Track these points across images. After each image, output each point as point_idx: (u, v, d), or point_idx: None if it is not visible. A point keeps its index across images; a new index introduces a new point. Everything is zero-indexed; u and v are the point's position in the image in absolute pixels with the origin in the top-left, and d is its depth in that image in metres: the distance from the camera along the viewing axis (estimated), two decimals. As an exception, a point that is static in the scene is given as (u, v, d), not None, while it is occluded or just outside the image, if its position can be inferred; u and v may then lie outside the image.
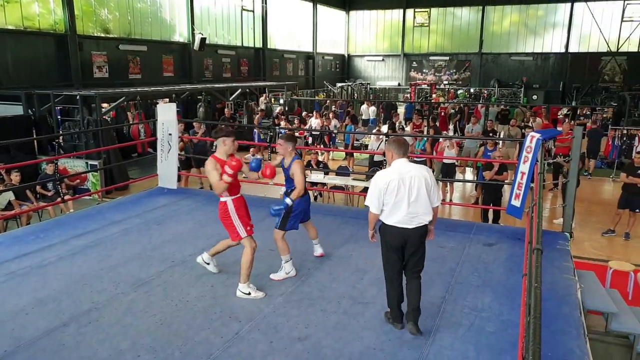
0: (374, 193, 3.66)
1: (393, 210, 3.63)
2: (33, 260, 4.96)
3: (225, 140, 4.31)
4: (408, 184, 3.62)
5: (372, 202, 3.68)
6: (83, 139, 11.97)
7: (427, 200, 3.66)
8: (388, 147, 3.82)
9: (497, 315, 3.91)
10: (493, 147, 9.51)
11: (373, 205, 3.68)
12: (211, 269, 4.69)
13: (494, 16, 29.96)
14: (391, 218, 3.65)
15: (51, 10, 15.34)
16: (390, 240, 3.68)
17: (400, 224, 3.63)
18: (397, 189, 3.60)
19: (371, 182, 3.79)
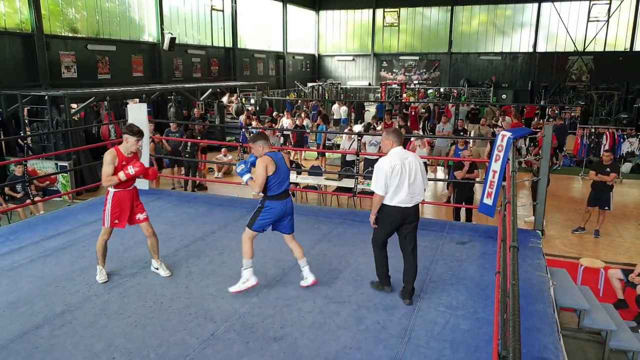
0: (380, 177, 4.09)
1: (396, 191, 4.10)
2: (3, 263, 4.86)
3: (127, 138, 4.42)
4: (408, 168, 4.12)
5: (379, 186, 4.10)
6: (52, 139, 11.70)
7: (422, 182, 4.23)
8: (387, 136, 4.27)
9: (472, 313, 4.00)
10: (464, 146, 9.70)
11: (380, 188, 4.11)
12: (162, 273, 4.64)
13: (463, 16, 30.46)
14: (394, 199, 4.13)
15: (17, 9, 14.90)
16: (391, 219, 4.19)
17: (401, 203, 4.13)
18: (400, 173, 4.08)
19: (376, 168, 4.17)
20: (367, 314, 3.98)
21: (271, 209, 4.24)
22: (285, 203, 4.29)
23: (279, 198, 4.24)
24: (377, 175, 4.13)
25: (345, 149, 11.12)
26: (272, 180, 4.17)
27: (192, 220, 6.36)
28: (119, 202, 4.46)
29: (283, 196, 4.27)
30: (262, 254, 5.16)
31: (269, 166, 4.11)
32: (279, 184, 4.21)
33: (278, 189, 4.22)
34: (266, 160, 4.12)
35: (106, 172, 4.32)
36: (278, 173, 4.18)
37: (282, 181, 4.24)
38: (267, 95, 22.59)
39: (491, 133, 13.41)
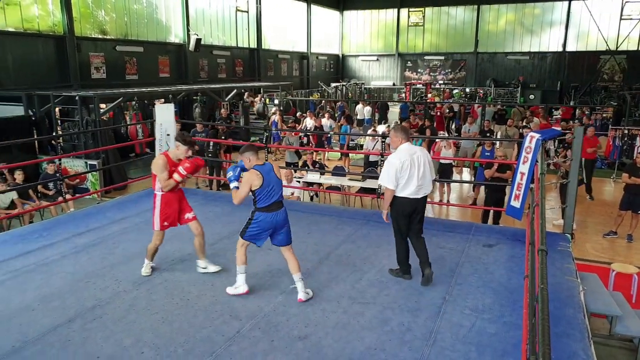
0: (391, 172, 4.38)
1: (406, 185, 4.41)
2: (37, 258, 5.01)
3: (179, 146, 4.58)
4: (416, 162, 4.41)
5: (390, 180, 4.39)
6: (82, 139, 11.98)
7: (430, 174, 4.52)
8: (396, 133, 4.53)
9: (499, 317, 3.95)
10: (491, 147, 9.57)
11: (391, 182, 4.39)
12: (212, 269, 4.74)
13: (490, 15, 30.05)
14: (404, 191, 4.43)
15: (50, 12, 15.32)
16: (402, 210, 4.49)
17: (411, 195, 4.44)
18: (410, 167, 4.37)
19: (386, 164, 4.46)
20: (392, 316, 3.97)
21: (259, 221, 4.14)
22: (275, 215, 4.15)
23: (267, 210, 4.12)
24: (387, 171, 4.40)
25: (369, 149, 11.09)
26: (260, 193, 4.07)
27: (218, 219, 6.44)
28: (167, 204, 4.60)
29: (273, 208, 4.13)
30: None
31: (254, 181, 4.03)
32: (268, 196, 4.09)
33: (267, 200, 4.10)
34: (251, 176, 4.05)
35: (162, 177, 4.50)
36: (265, 186, 4.06)
37: (272, 193, 4.11)
38: (291, 96, 22.68)
39: (518, 134, 13.20)
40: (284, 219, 4.23)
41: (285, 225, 4.25)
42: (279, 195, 4.17)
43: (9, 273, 4.65)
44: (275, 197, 4.13)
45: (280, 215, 4.19)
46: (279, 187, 4.18)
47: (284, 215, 4.23)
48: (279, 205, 4.17)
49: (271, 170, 4.14)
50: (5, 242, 5.50)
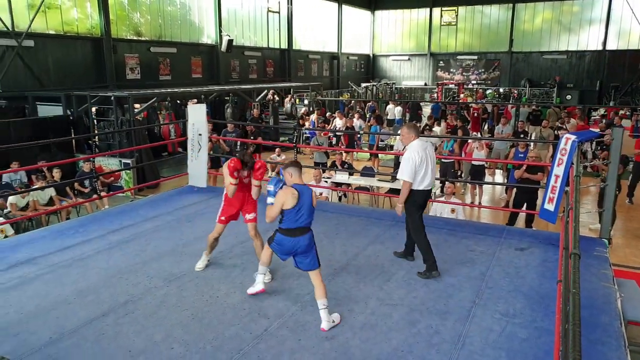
0: (410, 168, 4.61)
1: (422, 178, 4.68)
2: (74, 253, 5.17)
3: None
4: (429, 156, 4.73)
5: (410, 175, 4.62)
6: (117, 138, 12.29)
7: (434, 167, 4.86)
8: (409, 130, 4.79)
9: (530, 322, 3.86)
10: (524, 148, 9.36)
11: (411, 177, 4.62)
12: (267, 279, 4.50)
13: (525, 14, 29.41)
14: (422, 185, 4.70)
15: (88, 15, 15.81)
16: (420, 202, 4.77)
17: (427, 187, 4.76)
18: (425, 162, 4.66)
19: (405, 160, 4.66)
20: (420, 318, 3.93)
21: (279, 243, 3.95)
22: (296, 241, 3.89)
23: (289, 234, 3.89)
24: (406, 166, 4.63)
25: (399, 150, 11.01)
26: (288, 214, 3.86)
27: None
28: (229, 203, 4.76)
29: (296, 233, 3.89)
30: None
31: (288, 199, 3.83)
32: (295, 219, 3.87)
33: (292, 223, 3.87)
34: (287, 193, 3.85)
35: (226, 182, 4.67)
36: (298, 208, 3.85)
37: (300, 218, 3.88)
38: (321, 96, 22.73)
39: (554, 136, 12.88)
40: (308, 245, 3.93)
41: (309, 251, 3.95)
42: (306, 222, 3.93)
43: (48, 267, 4.82)
44: (301, 222, 3.89)
45: (304, 241, 3.91)
46: (309, 214, 3.93)
47: (308, 242, 3.93)
48: (302, 231, 3.91)
49: (309, 194, 3.93)
50: (45, 237, 5.70)
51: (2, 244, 5.68)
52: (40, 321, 3.82)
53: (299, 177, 3.99)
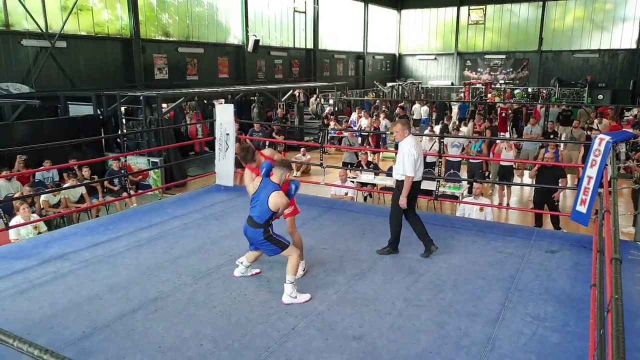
0: (411, 163, 4.94)
1: (418, 170, 5.06)
2: (104, 250, 5.28)
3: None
4: (421, 151, 5.14)
5: (411, 170, 4.95)
6: (145, 137, 12.49)
7: None
8: (403, 127, 5.11)
9: (562, 326, 3.77)
10: (554, 149, 9.17)
11: (412, 172, 4.96)
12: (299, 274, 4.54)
13: (556, 12, 28.77)
14: (417, 176, 5.07)
15: (118, 17, 16.14)
16: (414, 192, 5.16)
17: (419, 178, 5.14)
18: (420, 156, 5.04)
19: (406, 156, 4.95)
20: (448, 319, 3.89)
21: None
22: (244, 228, 4.33)
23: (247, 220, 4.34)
24: (408, 162, 4.93)
25: (425, 150, 10.90)
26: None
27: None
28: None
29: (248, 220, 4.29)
30: (340, 254, 5.21)
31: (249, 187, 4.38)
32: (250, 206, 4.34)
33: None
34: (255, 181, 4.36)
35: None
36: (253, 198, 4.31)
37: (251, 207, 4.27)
38: (346, 96, 22.69)
39: (585, 136, 12.57)
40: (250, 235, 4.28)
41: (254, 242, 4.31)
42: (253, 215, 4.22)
43: (80, 263, 4.93)
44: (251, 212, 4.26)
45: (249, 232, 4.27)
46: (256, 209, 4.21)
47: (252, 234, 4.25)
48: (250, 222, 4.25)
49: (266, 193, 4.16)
50: (76, 233, 5.84)
51: (36, 240, 5.85)
52: (73, 315, 3.91)
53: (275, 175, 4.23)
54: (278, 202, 4.12)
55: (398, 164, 5.08)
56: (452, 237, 5.74)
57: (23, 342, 1.63)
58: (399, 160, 5.06)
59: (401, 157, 4.98)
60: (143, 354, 3.42)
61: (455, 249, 5.36)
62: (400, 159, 5.00)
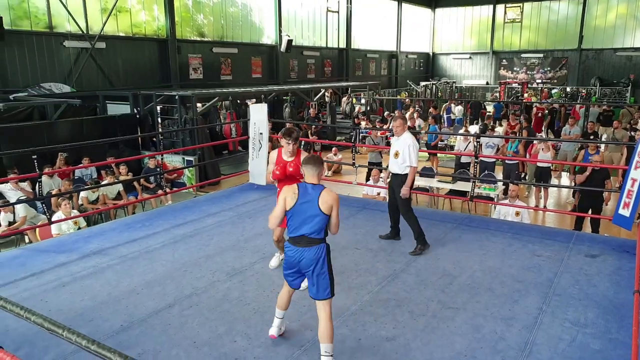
0: (416, 155, 5.24)
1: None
2: (141, 246, 5.40)
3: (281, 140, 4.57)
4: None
5: (416, 162, 5.25)
6: (180, 136, 12.72)
7: None
8: (402, 122, 5.40)
9: (604, 333, 3.66)
10: (595, 150, 8.88)
11: (417, 163, 5.26)
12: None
13: (597, 9, 27.83)
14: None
15: (155, 18, 16.49)
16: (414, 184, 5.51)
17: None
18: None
19: (413, 149, 5.19)
20: (484, 323, 3.81)
21: (286, 253, 3.42)
22: (299, 252, 3.29)
23: (292, 242, 3.35)
24: (414, 154, 5.19)
25: (460, 150, 10.74)
26: (288, 217, 3.38)
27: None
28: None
29: (297, 241, 3.32)
30: (373, 254, 5.18)
31: (288, 198, 3.34)
32: (293, 225, 3.34)
33: (293, 230, 3.34)
34: (288, 190, 3.39)
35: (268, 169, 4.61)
36: (292, 213, 3.34)
37: (299, 224, 3.31)
38: (378, 95, 22.57)
39: (628, 137, 12.13)
40: (312, 263, 3.29)
41: (315, 271, 3.30)
42: (309, 230, 3.30)
43: (118, 258, 5.06)
44: (302, 229, 3.31)
45: (307, 255, 3.29)
46: (311, 220, 3.30)
47: (315, 258, 3.28)
48: (307, 242, 3.30)
49: (314, 200, 3.29)
50: (114, 229, 5.99)
51: (77, 235, 6.03)
52: (112, 309, 4.01)
53: (312, 176, 3.39)
54: (333, 199, 3.31)
55: (403, 156, 5.21)
56: (488, 239, 5.64)
57: (71, 332, 1.69)
58: (403, 153, 5.20)
59: (407, 149, 5.17)
60: (178, 349, 3.48)
61: (490, 252, 5.26)
62: (406, 151, 5.18)
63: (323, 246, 3.34)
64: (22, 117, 10.76)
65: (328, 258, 3.36)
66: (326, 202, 3.29)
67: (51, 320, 1.74)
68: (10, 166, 8.77)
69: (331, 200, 3.31)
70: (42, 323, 1.70)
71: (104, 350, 1.52)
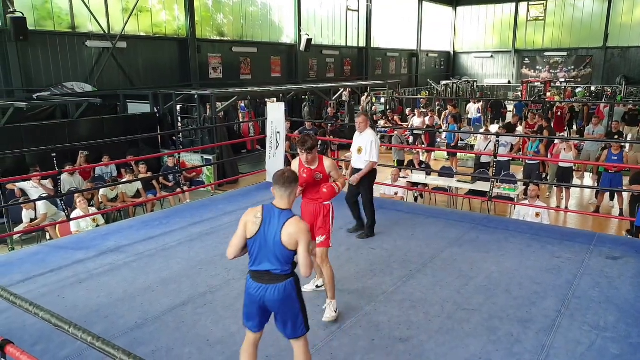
0: (378, 151, 5.40)
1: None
2: (158, 244, 5.45)
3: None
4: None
5: (378, 157, 5.41)
6: (199, 135, 12.83)
7: None
8: (365, 119, 5.56)
9: (624, 337, 3.56)
10: (619, 150, 8.67)
11: (378, 158, 5.44)
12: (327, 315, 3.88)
13: (623, 6, 27.17)
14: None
15: (176, 17, 16.66)
16: (374, 178, 5.69)
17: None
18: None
19: (375, 144, 5.38)
20: (500, 325, 3.75)
21: (246, 289, 2.92)
22: (262, 290, 2.79)
23: (254, 277, 2.85)
24: (376, 149, 5.38)
25: (480, 149, 10.60)
26: (249, 247, 2.85)
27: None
28: (302, 213, 4.08)
29: (259, 277, 2.81)
30: (388, 254, 5.14)
31: (248, 224, 2.81)
32: (253, 256, 2.83)
33: (254, 263, 2.84)
34: (249, 213, 2.85)
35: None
36: (252, 242, 2.80)
37: (261, 256, 2.79)
38: (398, 94, 22.41)
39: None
40: (276, 302, 2.80)
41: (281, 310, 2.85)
42: (269, 265, 2.79)
43: (135, 256, 5.12)
44: (261, 265, 2.81)
45: (268, 293, 2.79)
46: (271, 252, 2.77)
47: (277, 297, 2.79)
48: (266, 278, 2.80)
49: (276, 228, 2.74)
50: (132, 227, 6.06)
51: (95, 232, 6.13)
52: (127, 306, 4.05)
53: (280, 197, 2.83)
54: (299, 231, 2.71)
55: (366, 152, 5.42)
56: (506, 239, 5.55)
57: (78, 329, 1.70)
58: (366, 148, 5.41)
59: (369, 145, 5.39)
60: (191, 347, 3.49)
61: (508, 252, 5.17)
62: (369, 146, 5.39)
63: (291, 282, 2.80)
64: (45, 115, 10.97)
65: (298, 294, 2.86)
66: (290, 234, 2.69)
67: (58, 317, 1.75)
68: (33, 164, 8.95)
69: (297, 233, 2.70)
70: (50, 319, 1.72)
71: (109, 348, 1.52)
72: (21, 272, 4.72)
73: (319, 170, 4.06)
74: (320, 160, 4.08)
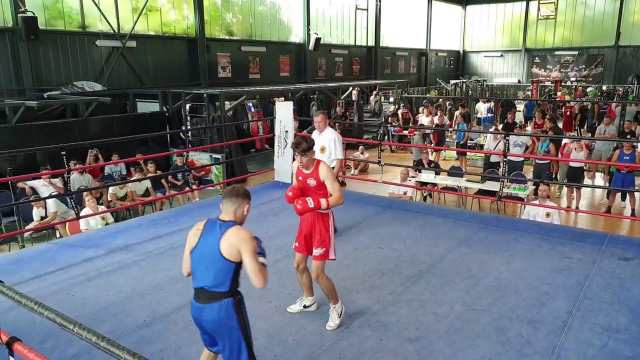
0: (342, 148, 5.59)
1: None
2: (166, 242, 5.47)
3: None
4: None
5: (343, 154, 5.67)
6: (208, 134, 12.86)
7: None
8: (324, 117, 5.56)
9: (637, 339, 3.51)
10: (631, 150, 8.56)
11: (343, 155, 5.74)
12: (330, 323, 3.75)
13: (636, 4, 26.85)
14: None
15: (185, 16, 16.71)
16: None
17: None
18: None
19: (337, 141, 5.51)
20: (510, 326, 3.71)
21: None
22: (199, 311, 2.60)
23: (194, 295, 2.64)
24: (340, 146, 5.52)
25: (489, 149, 10.52)
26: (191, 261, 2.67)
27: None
28: (300, 221, 3.89)
29: (198, 295, 2.61)
30: (397, 254, 5.11)
31: (190, 236, 2.68)
32: (193, 272, 2.64)
33: (194, 280, 2.64)
34: (194, 226, 2.72)
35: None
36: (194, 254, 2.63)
37: (199, 271, 2.60)
38: (407, 94, 22.33)
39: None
40: (213, 323, 2.59)
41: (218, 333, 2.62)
42: (204, 282, 2.58)
43: (144, 254, 5.13)
44: (198, 281, 2.61)
45: (205, 313, 2.58)
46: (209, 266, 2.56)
47: (214, 317, 2.57)
48: (205, 297, 2.57)
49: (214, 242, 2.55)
50: (141, 225, 6.08)
51: (104, 231, 6.16)
52: (135, 304, 4.06)
53: (226, 212, 2.70)
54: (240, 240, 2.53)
55: (329, 150, 5.46)
56: (516, 239, 5.50)
57: (82, 328, 1.69)
58: (329, 147, 5.46)
59: (332, 142, 5.45)
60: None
61: (518, 253, 5.12)
62: (332, 144, 5.45)
63: (229, 302, 2.54)
64: (56, 114, 11.06)
65: (240, 318, 2.59)
66: (231, 244, 2.50)
67: (63, 316, 1.75)
68: (43, 162, 9.02)
69: (238, 242, 2.51)
70: (55, 318, 1.71)
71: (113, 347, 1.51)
72: (31, 269, 4.75)
73: (312, 175, 3.70)
74: (316, 166, 3.70)
